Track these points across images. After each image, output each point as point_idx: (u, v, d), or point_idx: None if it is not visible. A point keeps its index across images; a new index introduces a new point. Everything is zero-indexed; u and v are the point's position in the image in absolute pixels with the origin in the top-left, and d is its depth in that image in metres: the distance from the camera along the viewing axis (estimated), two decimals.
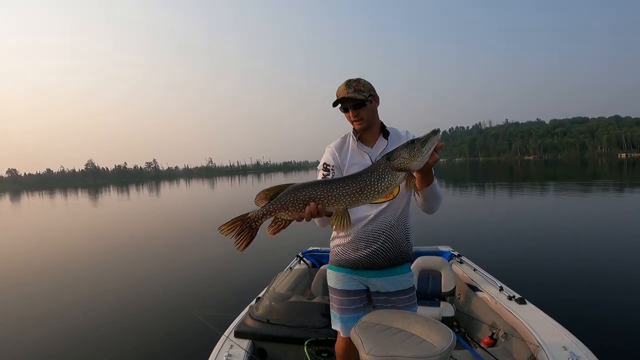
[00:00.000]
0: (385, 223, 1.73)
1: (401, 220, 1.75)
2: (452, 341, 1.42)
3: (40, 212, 24.21)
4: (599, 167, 41.63)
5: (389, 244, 1.74)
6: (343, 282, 1.81)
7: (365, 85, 1.70)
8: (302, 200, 1.37)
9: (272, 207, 1.39)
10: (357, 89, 1.67)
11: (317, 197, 1.37)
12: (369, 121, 1.72)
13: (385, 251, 1.74)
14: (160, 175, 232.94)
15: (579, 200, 13.83)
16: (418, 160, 1.31)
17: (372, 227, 1.74)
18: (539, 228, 8.58)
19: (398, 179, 1.36)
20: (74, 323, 4.30)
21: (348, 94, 1.65)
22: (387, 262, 1.75)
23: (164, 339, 3.74)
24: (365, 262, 1.76)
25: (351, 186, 1.38)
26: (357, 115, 1.70)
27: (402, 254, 1.77)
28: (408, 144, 1.34)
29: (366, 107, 1.70)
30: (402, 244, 1.76)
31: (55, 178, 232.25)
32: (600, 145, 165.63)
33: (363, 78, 1.73)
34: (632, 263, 5.56)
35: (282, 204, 1.39)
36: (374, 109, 1.74)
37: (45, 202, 35.23)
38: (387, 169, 1.35)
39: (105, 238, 10.82)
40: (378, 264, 1.75)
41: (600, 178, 24.55)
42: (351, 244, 1.78)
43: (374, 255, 1.75)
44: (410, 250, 1.82)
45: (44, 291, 5.73)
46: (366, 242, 1.74)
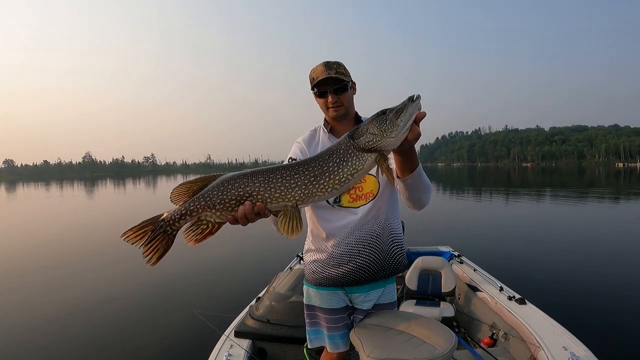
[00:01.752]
0: (370, 232, 1.49)
1: (388, 226, 1.52)
2: (454, 343, 1.42)
3: (35, 203, 24.07)
4: (596, 176, 41.82)
5: (376, 256, 1.51)
6: (328, 301, 1.60)
7: (346, 70, 1.50)
8: (234, 195, 1.03)
9: (193, 205, 1.04)
10: (338, 71, 1.45)
11: (254, 192, 1.03)
12: (347, 109, 1.52)
13: (371, 264, 1.51)
14: (157, 170, 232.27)
15: (578, 205, 13.99)
16: (392, 136, 0.99)
17: (354, 238, 1.49)
18: (538, 229, 8.65)
19: (367, 162, 1.03)
20: (73, 323, 4.27)
21: (330, 74, 1.43)
22: (373, 275, 1.53)
23: (164, 338, 3.73)
24: (350, 279, 1.53)
25: (303, 174, 1.03)
26: (337, 101, 1.48)
27: (391, 265, 1.55)
28: (378, 114, 1.03)
29: (347, 93, 1.50)
30: (391, 254, 1.54)
31: (52, 170, 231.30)
32: (598, 154, 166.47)
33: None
34: (631, 264, 5.62)
35: (207, 201, 1.04)
36: (352, 96, 1.55)
37: (41, 193, 35.02)
38: (350, 149, 1.02)
39: (103, 236, 10.74)
40: (363, 279, 1.53)
41: (597, 186, 24.68)
42: (331, 259, 1.53)
43: (359, 271, 1.52)
44: (403, 259, 1.59)
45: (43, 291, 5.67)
46: (349, 257, 1.50)
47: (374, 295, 1.59)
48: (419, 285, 3.25)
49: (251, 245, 7.35)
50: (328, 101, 1.49)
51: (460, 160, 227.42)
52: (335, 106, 1.49)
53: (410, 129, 1.01)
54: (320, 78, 1.44)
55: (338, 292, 1.58)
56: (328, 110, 1.52)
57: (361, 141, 1.01)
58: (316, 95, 1.52)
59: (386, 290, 1.62)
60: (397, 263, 1.55)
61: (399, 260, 1.56)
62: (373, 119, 1.02)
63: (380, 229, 1.49)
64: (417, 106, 1.00)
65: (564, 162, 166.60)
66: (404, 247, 1.60)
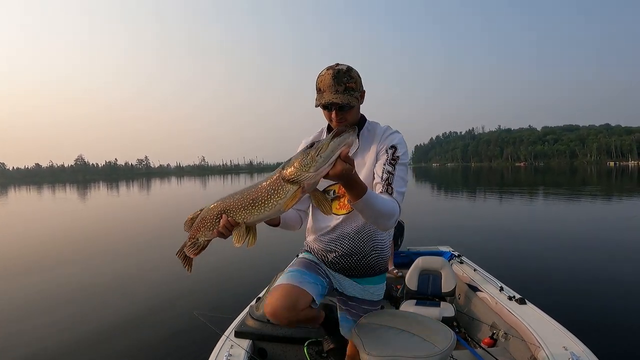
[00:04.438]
0: (344, 233, 1.59)
1: (366, 233, 1.58)
2: (452, 341, 1.44)
3: (32, 205, 23.80)
4: (588, 175, 42.28)
5: (350, 255, 1.61)
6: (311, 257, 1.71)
7: (357, 81, 1.43)
8: (215, 214, 1.26)
9: (192, 232, 1.33)
10: (348, 87, 1.40)
11: (226, 209, 1.23)
12: (352, 123, 1.50)
13: (345, 261, 1.63)
14: (151, 173, 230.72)
15: (574, 204, 14.10)
16: (311, 172, 1.06)
17: (330, 236, 1.62)
18: (538, 229, 8.72)
19: (289, 193, 1.12)
20: (72, 323, 4.23)
21: (337, 93, 1.38)
22: (351, 271, 1.65)
23: (164, 339, 3.70)
24: (332, 264, 1.67)
25: (246, 198, 1.19)
26: (342, 118, 1.46)
27: (367, 267, 1.63)
28: (305, 148, 1.10)
29: (353, 109, 1.47)
30: (368, 258, 1.62)
31: (44, 173, 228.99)
32: (590, 153, 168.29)
33: (353, 68, 1.44)
34: (631, 264, 5.67)
35: (197, 225, 1.30)
36: (358, 110, 1.54)
37: (33, 196, 34.64)
38: (278, 179, 1.12)
39: (100, 236, 10.67)
40: (343, 270, 1.66)
41: (591, 185, 24.94)
42: (321, 248, 1.68)
43: (336, 261, 1.65)
44: (382, 263, 1.67)
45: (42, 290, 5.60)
46: (325, 251, 1.66)
47: (360, 288, 1.67)
48: (419, 285, 3.26)
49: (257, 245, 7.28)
50: (332, 116, 1.47)
51: (455, 161, 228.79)
52: (339, 121, 1.47)
53: (333, 164, 1.06)
54: (326, 101, 1.40)
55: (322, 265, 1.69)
56: (332, 122, 1.51)
57: (286, 172, 1.11)
58: (321, 107, 1.48)
59: (373, 288, 1.68)
60: (373, 266, 1.64)
61: (377, 264, 1.64)
62: (300, 152, 1.10)
63: (356, 233, 1.57)
64: (341, 142, 1.04)
65: (556, 161, 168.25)
66: (386, 254, 1.66)
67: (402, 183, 1.44)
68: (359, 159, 1.51)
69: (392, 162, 1.43)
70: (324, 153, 1.04)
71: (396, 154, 1.45)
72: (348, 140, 1.04)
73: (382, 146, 1.48)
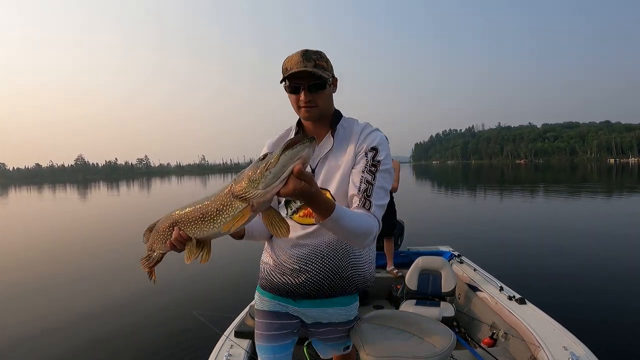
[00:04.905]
0: (316, 249, 1.33)
1: (342, 248, 1.34)
2: (452, 341, 1.43)
3: (32, 205, 23.82)
4: (588, 172, 42.29)
5: (324, 274, 1.34)
6: (267, 304, 1.46)
7: (328, 63, 1.28)
8: (167, 226, 1.13)
9: (149, 244, 1.22)
10: (318, 64, 1.23)
11: (177, 221, 1.09)
12: (322, 110, 1.31)
13: (318, 282, 1.35)
14: (151, 172, 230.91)
15: (575, 202, 14.11)
16: (259, 190, 0.91)
17: (299, 251, 1.34)
18: (538, 229, 8.72)
19: (237, 210, 0.97)
20: (72, 323, 4.24)
21: (306, 67, 1.21)
22: (321, 292, 1.37)
23: (164, 339, 3.71)
24: (294, 292, 1.38)
25: (196, 211, 1.06)
26: (311, 101, 1.27)
27: (343, 284, 1.37)
28: (256, 161, 0.95)
29: (325, 92, 1.28)
30: (344, 275, 1.36)
31: (44, 173, 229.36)
32: (590, 150, 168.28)
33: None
34: (631, 263, 5.68)
35: (152, 236, 1.19)
36: (331, 94, 1.33)
37: (34, 196, 34.66)
38: (229, 194, 0.98)
39: (101, 236, 10.70)
40: (310, 294, 1.37)
41: (591, 182, 24.94)
42: (278, 266, 1.40)
43: (303, 286, 1.36)
44: (359, 280, 1.40)
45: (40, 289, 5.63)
46: (291, 269, 1.36)
47: (329, 312, 1.43)
48: (419, 285, 3.27)
49: (251, 245, 7.26)
50: (300, 99, 1.27)
51: (455, 158, 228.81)
52: (307, 106, 1.27)
53: (285, 181, 0.89)
54: (294, 71, 1.21)
55: (282, 303, 1.44)
56: (299, 110, 1.31)
57: (236, 188, 0.95)
58: (287, 89, 1.29)
59: (343, 311, 1.45)
60: (350, 284, 1.38)
61: (355, 281, 1.39)
62: (252, 165, 0.95)
63: (328, 249, 1.32)
64: (294, 156, 0.87)
65: (557, 158, 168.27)
66: (365, 270, 1.41)
67: (383, 194, 1.24)
68: (333, 162, 1.31)
69: (372, 168, 1.23)
70: (273, 169, 0.88)
71: (377, 158, 1.25)
72: (302, 153, 0.87)
73: (361, 148, 1.28)
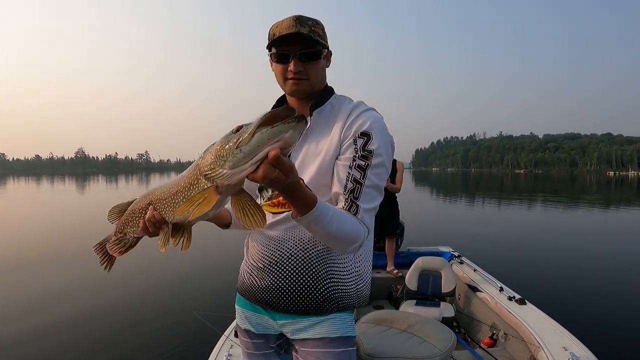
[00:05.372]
0: (281, 246, 1.07)
1: (317, 252, 1.05)
2: (452, 342, 1.44)
3: (30, 197, 23.77)
4: (587, 184, 42.39)
5: (292, 281, 1.06)
6: (245, 319, 1.21)
7: (324, 32, 1.07)
8: (144, 205, 0.96)
9: (119, 224, 1.06)
10: (313, 30, 1.02)
11: (154, 200, 0.93)
12: (314, 85, 1.07)
13: (285, 290, 1.07)
14: (151, 167, 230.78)
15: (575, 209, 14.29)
16: (225, 169, 0.72)
17: (266, 246, 1.10)
18: (538, 230, 8.80)
19: (204, 190, 0.78)
20: (71, 323, 4.20)
21: (300, 30, 1.00)
22: (291, 306, 1.07)
23: (164, 339, 3.70)
24: (260, 298, 1.12)
25: (170, 189, 0.89)
26: (302, 72, 1.03)
27: (319, 299, 1.06)
28: (229, 133, 0.74)
29: (319, 62, 1.06)
30: (318, 286, 1.06)
31: (44, 165, 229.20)
32: (590, 162, 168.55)
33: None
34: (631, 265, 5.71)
35: (126, 216, 1.03)
36: (324, 68, 1.11)
37: (32, 187, 34.61)
38: (196, 171, 0.81)
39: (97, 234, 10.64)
40: (277, 305, 1.09)
41: (590, 194, 25.03)
42: (247, 263, 1.19)
43: (268, 291, 1.10)
44: (343, 297, 1.08)
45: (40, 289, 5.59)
46: (257, 268, 1.12)
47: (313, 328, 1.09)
48: (419, 286, 3.27)
49: None
50: (289, 69, 1.03)
51: (455, 165, 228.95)
52: (297, 78, 1.04)
53: (258, 165, 0.70)
54: (285, 33, 1.00)
55: (256, 313, 1.18)
56: (286, 82, 1.06)
57: (202, 163, 0.77)
58: (273, 59, 1.06)
59: (330, 326, 1.08)
60: (328, 300, 1.06)
61: (335, 298, 1.07)
62: (223, 137, 0.75)
63: (300, 250, 1.05)
64: (273, 136, 0.67)
65: (556, 169, 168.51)
66: (351, 287, 1.09)
67: (375, 194, 1.01)
68: (312, 146, 1.05)
69: (361, 162, 0.98)
70: (245, 147, 0.68)
71: (368, 147, 0.99)
72: (284, 135, 0.68)
73: (349, 132, 1.01)
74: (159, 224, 0.91)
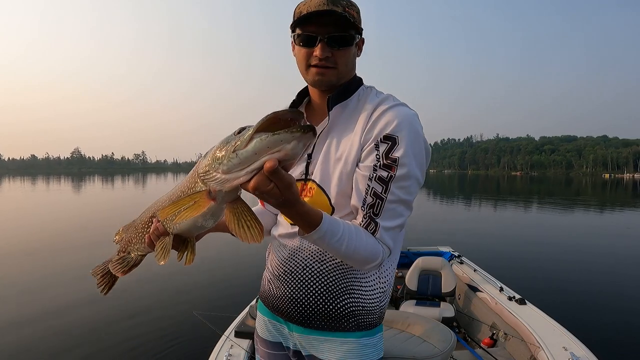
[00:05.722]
0: (296, 255, 0.99)
1: (334, 265, 0.95)
2: (452, 342, 1.44)
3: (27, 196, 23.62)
4: (583, 186, 42.70)
5: (307, 294, 0.97)
6: (263, 327, 1.14)
7: (359, 15, 0.94)
8: (147, 219, 0.90)
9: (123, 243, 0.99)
10: (347, 11, 0.89)
11: (156, 211, 0.86)
12: (341, 77, 0.94)
13: (300, 302, 0.99)
14: (148, 168, 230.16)
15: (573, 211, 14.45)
16: (218, 174, 0.65)
17: (282, 253, 1.03)
18: (538, 231, 8.86)
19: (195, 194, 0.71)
20: (72, 323, 4.20)
21: (334, 9, 0.87)
22: (307, 320, 0.99)
23: (164, 339, 3.70)
24: (277, 307, 1.05)
25: (169, 196, 0.84)
26: (329, 59, 0.90)
27: (336, 316, 0.96)
28: (230, 135, 0.67)
29: (350, 49, 0.92)
30: (336, 300, 0.96)
31: (40, 164, 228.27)
32: (586, 165, 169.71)
33: None
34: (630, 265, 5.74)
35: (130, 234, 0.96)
36: (354, 56, 0.96)
37: (27, 187, 34.41)
38: (194, 174, 0.74)
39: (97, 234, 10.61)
40: (293, 317, 1.01)
41: (586, 196, 25.24)
42: (267, 269, 1.13)
43: (283, 301, 1.02)
44: (364, 315, 0.97)
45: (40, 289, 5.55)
46: (275, 276, 1.05)
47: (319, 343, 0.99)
48: (419, 286, 3.28)
49: (251, 244, 7.22)
50: (314, 53, 0.89)
51: (451, 167, 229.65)
52: (322, 65, 0.90)
53: (253, 175, 0.62)
54: (314, 10, 0.87)
55: (273, 321, 1.10)
56: (308, 70, 0.92)
57: (200, 165, 0.71)
58: (297, 41, 0.93)
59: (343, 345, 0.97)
60: (347, 317, 0.96)
61: (351, 314, 0.96)
62: (224, 139, 0.68)
63: (316, 262, 0.96)
64: (273, 145, 0.59)
65: (552, 171, 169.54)
66: (374, 303, 0.98)
67: (401, 210, 0.87)
68: (332, 149, 0.94)
69: (383, 173, 0.84)
70: (241, 151, 0.61)
71: (393, 154, 0.84)
72: (286, 147, 0.59)
73: (371, 134, 0.87)
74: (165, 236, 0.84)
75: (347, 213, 0.93)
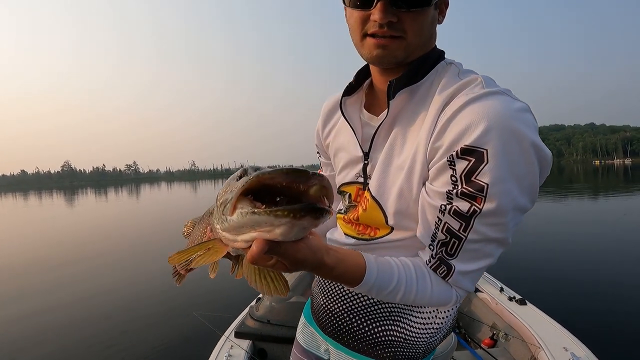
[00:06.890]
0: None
1: None
2: (453, 342, 1.43)
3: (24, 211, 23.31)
4: (575, 174, 43.18)
5: (341, 310, 0.86)
6: (304, 334, 1.05)
7: None
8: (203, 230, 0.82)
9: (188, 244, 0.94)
10: None
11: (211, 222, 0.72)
12: (411, 51, 0.67)
13: (334, 315, 0.88)
14: (140, 178, 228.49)
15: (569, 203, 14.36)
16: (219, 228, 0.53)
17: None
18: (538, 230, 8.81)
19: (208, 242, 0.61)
20: (73, 324, 4.23)
21: None
22: (339, 335, 0.87)
23: (164, 339, 3.70)
24: (317, 313, 0.96)
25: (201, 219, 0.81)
26: (393, 25, 0.64)
27: (370, 342, 0.81)
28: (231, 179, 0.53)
29: (427, 12, 0.65)
30: (373, 325, 0.81)
31: (30, 179, 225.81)
32: (576, 152, 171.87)
33: None
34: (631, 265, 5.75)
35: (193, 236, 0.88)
36: (434, 24, 0.71)
37: (19, 203, 33.99)
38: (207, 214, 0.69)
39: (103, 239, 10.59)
40: (328, 329, 0.91)
41: (580, 183, 25.44)
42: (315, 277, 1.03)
43: (321, 312, 0.93)
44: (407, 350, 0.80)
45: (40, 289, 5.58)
46: (317, 285, 0.97)
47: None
48: None
49: None
50: (372, 17, 0.64)
51: None
52: (384, 34, 0.65)
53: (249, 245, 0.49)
54: None
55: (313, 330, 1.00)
56: (363, 41, 0.68)
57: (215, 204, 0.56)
58: (348, 1, 0.68)
59: None
60: (378, 344, 0.81)
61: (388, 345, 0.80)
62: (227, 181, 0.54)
63: None
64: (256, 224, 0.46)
65: None
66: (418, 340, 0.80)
67: (490, 249, 0.65)
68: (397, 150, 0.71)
69: (462, 204, 0.60)
70: (230, 218, 0.47)
71: (478, 177, 0.58)
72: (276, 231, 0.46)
73: (440, 141, 0.62)
74: None
75: (411, 236, 0.71)
